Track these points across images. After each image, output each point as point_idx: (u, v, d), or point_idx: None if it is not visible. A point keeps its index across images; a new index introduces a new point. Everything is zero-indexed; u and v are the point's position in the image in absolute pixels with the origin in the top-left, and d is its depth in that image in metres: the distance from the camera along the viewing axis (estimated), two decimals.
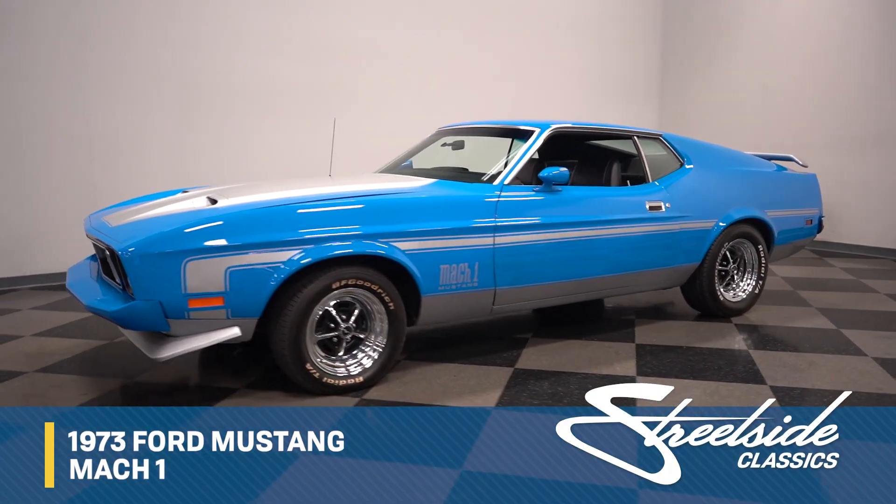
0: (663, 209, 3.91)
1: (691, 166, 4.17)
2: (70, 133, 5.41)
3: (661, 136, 4.19)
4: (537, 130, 3.74)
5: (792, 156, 4.81)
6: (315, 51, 6.45)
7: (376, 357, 3.07)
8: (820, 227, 4.81)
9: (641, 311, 4.53)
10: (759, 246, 4.38)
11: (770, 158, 4.91)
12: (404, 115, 6.82)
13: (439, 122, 4.75)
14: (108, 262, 2.96)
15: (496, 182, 3.45)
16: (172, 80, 5.81)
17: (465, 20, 7.36)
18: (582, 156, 4.53)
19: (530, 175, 4.56)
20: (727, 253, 4.32)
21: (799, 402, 2.90)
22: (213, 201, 3.08)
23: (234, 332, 2.78)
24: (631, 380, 3.19)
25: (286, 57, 6.31)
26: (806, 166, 4.83)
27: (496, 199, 3.33)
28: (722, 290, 4.32)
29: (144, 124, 5.72)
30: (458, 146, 4.16)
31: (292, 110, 6.33)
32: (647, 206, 3.85)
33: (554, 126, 3.77)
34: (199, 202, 3.14)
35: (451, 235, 3.15)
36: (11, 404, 2.89)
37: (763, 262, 4.41)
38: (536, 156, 4.99)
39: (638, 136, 4.10)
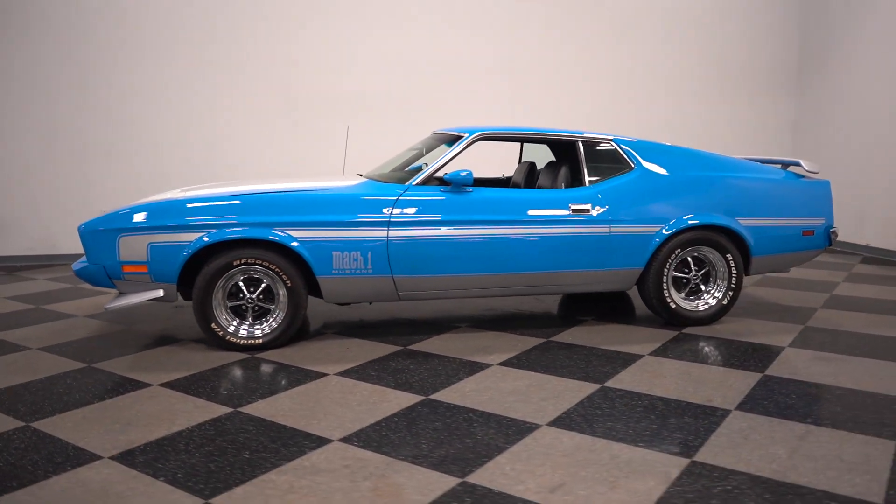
0: (591, 212, 3.98)
1: (637, 171, 4.14)
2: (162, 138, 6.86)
3: (612, 140, 4.22)
4: (466, 135, 4.08)
5: (800, 161, 4.42)
6: (403, 64, 7.22)
7: (275, 325, 3.74)
8: (829, 240, 4.35)
9: (612, 313, 4.56)
10: (728, 255, 4.17)
11: (776, 163, 4.57)
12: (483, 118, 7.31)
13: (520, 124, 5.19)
14: None
15: (407, 182, 3.89)
16: (276, 91, 7.00)
17: (574, 22, 7.59)
18: (553, 160, 4.68)
19: (523, 179, 4.85)
20: (690, 260, 4.20)
21: (606, 403, 2.95)
22: None
23: (159, 293, 3.65)
24: (485, 366, 3.43)
25: (380, 72, 7.17)
26: (816, 172, 4.40)
27: (396, 198, 3.78)
28: (680, 297, 4.21)
29: (258, 127, 6.99)
30: (421, 151, 4.60)
31: (374, 116, 7.18)
32: (571, 209, 3.97)
33: (480, 132, 4.08)
34: (172, 195, 4.06)
35: (342, 227, 3.69)
36: (41, 335, 4.06)
37: (733, 272, 4.19)
38: (553, 158, 5.20)
39: (583, 141, 4.19)
